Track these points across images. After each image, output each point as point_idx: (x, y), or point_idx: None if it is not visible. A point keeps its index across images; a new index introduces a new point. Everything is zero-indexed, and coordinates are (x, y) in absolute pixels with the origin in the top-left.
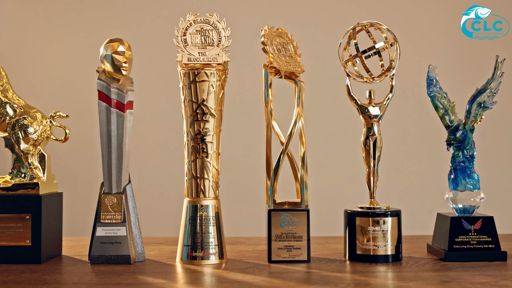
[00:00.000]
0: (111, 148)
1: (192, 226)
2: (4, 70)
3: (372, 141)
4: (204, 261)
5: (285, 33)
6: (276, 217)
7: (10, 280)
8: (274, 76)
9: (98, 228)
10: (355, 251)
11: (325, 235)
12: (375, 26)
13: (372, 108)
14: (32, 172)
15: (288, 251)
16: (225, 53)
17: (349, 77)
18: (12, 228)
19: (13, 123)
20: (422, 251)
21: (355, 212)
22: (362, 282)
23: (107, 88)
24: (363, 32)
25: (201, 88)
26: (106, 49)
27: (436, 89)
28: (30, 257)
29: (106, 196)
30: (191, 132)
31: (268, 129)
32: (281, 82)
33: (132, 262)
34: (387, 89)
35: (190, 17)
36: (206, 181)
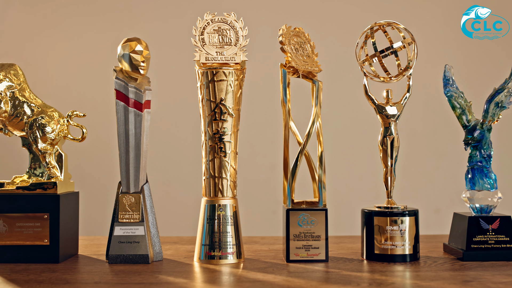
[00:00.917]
0: (129, 147)
1: (210, 226)
2: (21, 69)
3: (389, 141)
4: (222, 260)
5: (302, 33)
6: (294, 216)
7: (31, 280)
8: (291, 75)
9: (116, 227)
10: (373, 251)
11: (340, 234)
12: (393, 25)
13: (389, 107)
14: (50, 171)
15: (306, 250)
16: (242, 53)
17: (367, 76)
18: (30, 228)
19: (31, 122)
20: (438, 250)
21: (372, 212)
22: (384, 282)
23: (125, 87)
24: (379, 32)
25: (219, 87)
26: (123, 49)
27: (453, 89)
28: (48, 256)
29: (124, 195)
30: (209, 131)
31: (286, 129)
32: (295, 81)
33: (150, 261)
34: (401, 89)
35: (207, 17)
36: (224, 180)
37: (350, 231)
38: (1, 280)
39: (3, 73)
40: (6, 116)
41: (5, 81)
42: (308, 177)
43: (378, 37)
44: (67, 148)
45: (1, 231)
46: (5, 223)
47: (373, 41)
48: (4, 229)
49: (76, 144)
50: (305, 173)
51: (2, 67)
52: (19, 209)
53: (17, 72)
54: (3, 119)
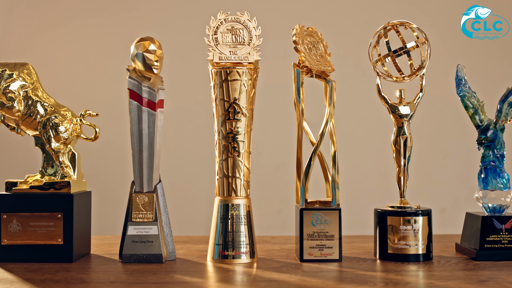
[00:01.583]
0: (142, 146)
1: (223, 225)
2: (33, 69)
3: (402, 140)
4: (235, 260)
5: (315, 32)
6: (308, 216)
7: (46, 279)
8: (305, 75)
9: (130, 227)
10: (386, 250)
11: (351, 234)
12: (406, 25)
13: (402, 107)
14: (63, 170)
15: (320, 250)
16: (256, 52)
17: (380, 76)
18: (43, 227)
19: (44, 121)
20: (450, 250)
21: (386, 211)
22: (400, 281)
23: (138, 86)
24: (391, 31)
25: (233, 87)
26: (137, 48)
27: (466, 89)
28: (62, 256)
29: (137, 195)
30: (222, 131)
31: (299, 129)
32: (306, 81)
33: (164, 261)
34: (412, 88)
35: (221, 16)
36: (237, 180)
37: (361, 231)
38: (17, 279)
39: (16, 72)
40: (20, 116)
41: (18, 80)
42: (319, 176)
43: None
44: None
45: (15, 231)
46: (18, 223)
47: (386, 41)
48: (17, 228)
49: (85, 143)
50: (316, 172)
51: (15, 66)
52: (32, 209)
53: (30, 71)
54: (16, 119)
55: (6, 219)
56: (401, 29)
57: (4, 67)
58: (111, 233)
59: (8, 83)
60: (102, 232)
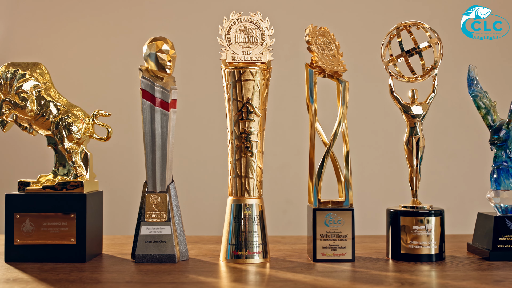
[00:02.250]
0: (155, 146)
1: (236, 225)
2: (46, 68)
3: (414, 141)
4: (248, 260)
5: (327, 32)
6: (321, 216)
7: (62, 279)
8: (318, 75)
9: (143, 227)
10: (399, 250)
11: (362, 234)
12: (418, 25)
13: (414, 107)
14: (76, 170)
15: (332, 250)
16: (268, 52)
17: (392, 76)
18: (56, 227)
19: (57, 121)
20: (461, 250)
21: (398, 212)
22: (415, 281)
23: (151, 86)
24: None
25: (246, 87)
26: (150, 48)
27: (478, 89)
28: (75, 255)
29: (150, 195)
30: (235, 131)
31: (312, 129)
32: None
33: (177, 261)
34: (424, 88)
35: (233, 16)
36: (250, 180)
37: (372, 231)
38: (32, 279)
39: (29, 72)
40: (32, 115)
41: (31, 80)
42: (329, 176)
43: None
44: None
45: (28, 231)
46: (31, 223)
47: (399, 41)
48: (30, 228)
49: (94, 143)
50: (326, 172)
51: (28, 66)
52: (45, 209)
53: (42, 71)
54: (29, 118)
55: (19, 219)
56: (413, 29)
57: (17, 67)
58: (121, 233)
59: (21, 83)
60: (112, 232)
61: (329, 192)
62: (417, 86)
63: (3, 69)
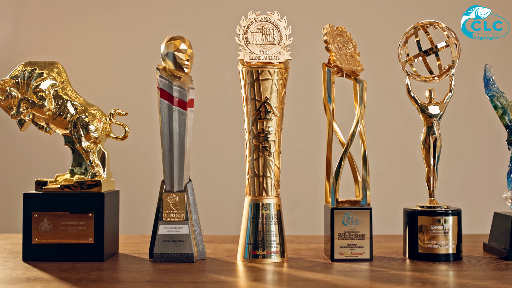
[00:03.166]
0: (173, 146)
1: (254, 225)
2: (63, 67)
3: (432, 140)
4: (266, 259)
5: (344, 32)
6: (339, 215)
7: (82, 278)
8: (335, 75)
9: (160, 226)
10: (416, 250)
11: (377, 233)
12: (435, 25)
13: (432, 107)
14: (94, 169)
15: (350, 249)
16: (286, 52)
17: (409, 76)
18: (74, 226)
19: (74, 120)
20: (477, 250)
21: (416, 211)
22: (437, 281)
23: (169, 86)
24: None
25: (264, 86)
26: (167, 47)
27: (494, 89)
28: (93, 255)
29: (168, 194)
30: (253, 130)
31: (330, 129)
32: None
33: (195, 260)
34: (440, 88)
35: (251, 15)
36: (268, 179)
37: (387, 230)
38: (53, 278)
39: (46, 71)
40: (50, 115)
41: (49, 79)
42: (343, 175)
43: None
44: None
45: (46, 230)
46: (49, 222)
47: (417, 40)
48: (48, 227)
49: (109, 142)
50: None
51: (45, 65)
52: (63, 208)
53: (59, 70)
54: (47, 118)
55: (37, 218)
56: (429, 29)
57: (34, 66)
58: (135, 232)
59: (38, 82)
60: (125, 231)
61: (343, 191)
62: (433, 86)
63: (20, 68)
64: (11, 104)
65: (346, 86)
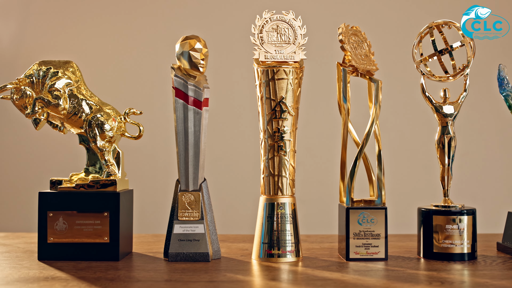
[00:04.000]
0: (188, 145)
1: (269, 224)
2: (77, 66)
3: (446, 140)
4: (281, 258)
5: (359, 31)
6: (355, 215)
7: (100, 277)
8: (350, 74)
9: (176, 225)
10: (431, 249)
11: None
12: (450, 24)
13: (446, 107)
14: (109, 168)
15: (366, 249)
16: (301, 51)
17: (424, 76)
18: (90, 225)
19: (90, 120)
20: (490, 249)
21: (431, 211)
22: (455, 280)
23: (184, 85)
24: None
25: (279, 85)
26: (182, 46)
27: (509, 88)
28: (109, 254)
29: (183, 193)
30: (268, 129)
31: (345, 129)
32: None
33: (210, 259)
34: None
35: (266, 15)
36: (283, 178)
37: (398, 230)
38: (71, 277)
39: (61, 70)
40: (65, 114)
41: (64, 78)
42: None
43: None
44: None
45: (61, 229)
46: (64, 221)
47: (432, 40)
48: (64, 226)
49: (123, 140)
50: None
51: (59, 64)
52: (79, 207)
53: (74, 69)
54: (61, 117)
55: (52, 217)
56: (444, 28)
57: (49, 65)
58: (146, 231)
59: (53, 81)
60: (138, 231)
61: (356, 191)
62: (445, 86)
63: (35, 67)
64: (25, 103)
65: (359, 86)
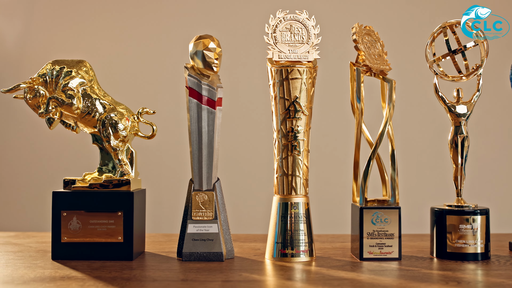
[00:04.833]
0: (202, 145)
1: (283, 224)
2: (90, 65)
3: (460, 139)
4: (294, 258)
5: (372, 31)
6: (368, 215)
7: (116, 277)
8: (364, 74)
9: (189, 225)
10: (444, 249)
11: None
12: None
13: (459, 106)
14: (123, 168)
15: (379, 248)
16: (315, 51)
17: (437, 75)
18: (104, 225)
19: (103, 119)
20: (503, 249)
21: (444, 210)
22: (471, 280)
23: (198, 84)
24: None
25: (293, 85)
26: (196, 46)
27: None
28: (123, 253)
29: (197, 193)
30: (282, 129)
31: (358, 129)
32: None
33: (224, 259)
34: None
35: (279, 14)
36: (297, 178)
37: (411, 229)
38: (86, 277)
39: (75, 69)
40: (79, 113)
41: (77, 78)
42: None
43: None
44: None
45: (75, 228)
46: (78, 220)
47: (446, 40)
48: (77, 226)
49: (136, 140)
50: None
51: (72, 63)
52: (92, 206)
53: (87, 69)
54: (75, 116)
55: (66, 217)
56: (458, 28)
57: (62, 64)
58: (158, 231)
59: (67, 81)
60: (150, 230)
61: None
62: (457, 86)
63: (49, 67)
64: (39, 103)
65: (371, 86)
